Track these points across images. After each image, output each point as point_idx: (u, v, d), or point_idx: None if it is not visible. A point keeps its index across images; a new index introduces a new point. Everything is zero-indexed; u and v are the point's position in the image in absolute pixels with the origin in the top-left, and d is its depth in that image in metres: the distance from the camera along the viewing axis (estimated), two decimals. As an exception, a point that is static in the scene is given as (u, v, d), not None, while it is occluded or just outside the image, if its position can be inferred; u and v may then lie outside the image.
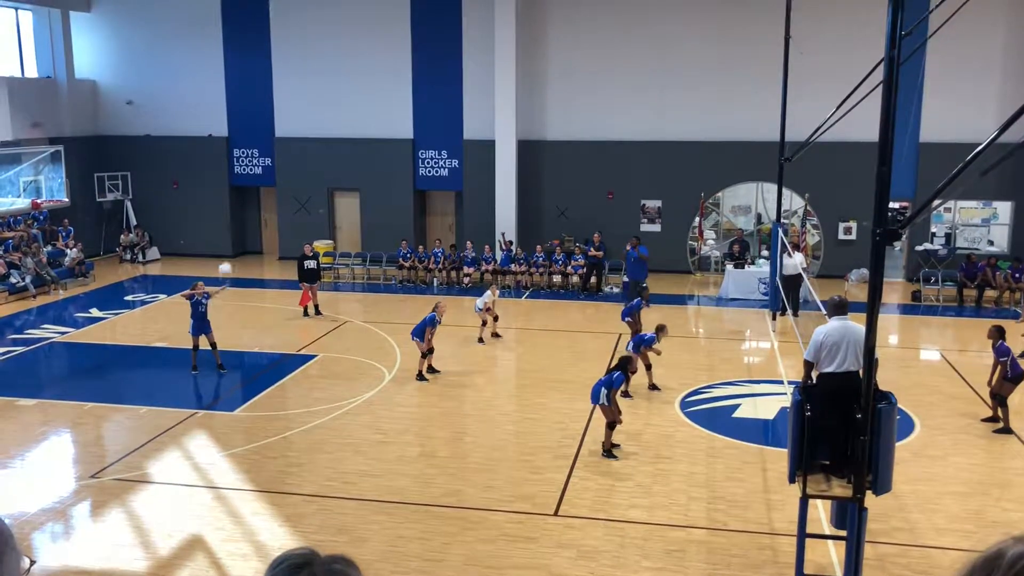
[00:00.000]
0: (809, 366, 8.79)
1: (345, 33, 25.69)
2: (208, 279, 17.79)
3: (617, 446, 12.02)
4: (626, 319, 16.67)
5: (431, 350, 15.48)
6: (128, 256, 26.94)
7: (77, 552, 9.51)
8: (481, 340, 17.73)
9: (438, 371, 15.66)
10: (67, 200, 26.31)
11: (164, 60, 27.01)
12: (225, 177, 27.47)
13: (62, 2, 26.32)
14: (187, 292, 15.88)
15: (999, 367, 12.81)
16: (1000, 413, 12.95)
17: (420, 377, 15.28)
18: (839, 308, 8.70)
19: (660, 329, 14.82)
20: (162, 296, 22.31)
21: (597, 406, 12.07)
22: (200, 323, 15.56)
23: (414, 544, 9.60)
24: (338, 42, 25.78)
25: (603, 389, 11.84)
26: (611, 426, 11.83)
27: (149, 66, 27.21)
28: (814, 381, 8.71)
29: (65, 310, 21.03)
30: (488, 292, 18.20)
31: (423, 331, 15.28)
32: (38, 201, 25.58)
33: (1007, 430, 12.82)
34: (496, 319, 18.08)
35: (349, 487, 11.04)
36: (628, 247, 21.16)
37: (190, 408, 13.91)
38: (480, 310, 17.81)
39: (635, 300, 17.05)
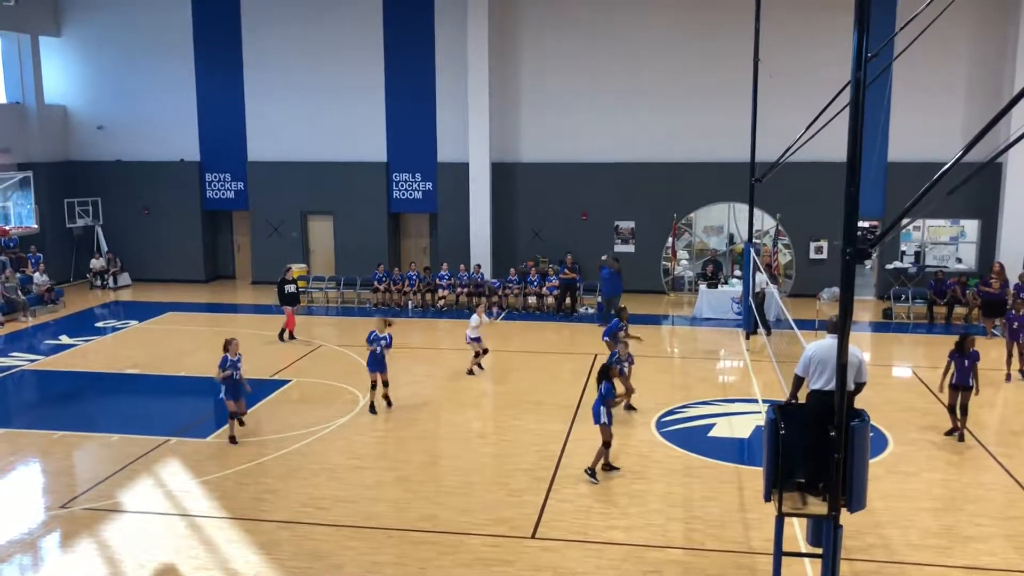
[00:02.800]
0: (799, 380, 8.82)
1: (318, 57, 25.73)
2: (180, 304, 17.55)
3: (613, 468, 11.96)
4: (605, 339, 16.53)
5: (385, 382, 14.86)
6: (98, 282, 26.66)
7: (46, 584, 9.33)
8: (471, 372, 17.10)
9: (391, 404, 14.92)
10: (36, 226, 26.05)
11: (135, 85, 26.90)
12: (197, 202, 27.32)
13: (31, 27, 26.18)
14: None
15: (952, 370, 13.23)
16: (958, 420, 13.21)
17: (372, 409, 14.68)
18: (835, 327, 8.75)
19: (615, 335, 14.95)
20: (133, 322, 22.07)
21: (598, 426, 11.90)
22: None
23: (390, 569, 9.51)
24: (311, 66, 25.81)
25: (601, 408, 11.79)
26: (607, 445, 11.80)
27: (120, 91, 27.08)
28: (797, 398, 8.74)
29: (34, 337, 20.75)
30: (475, 316, 17.26)
31: (382, 360, 14.70)
32: (7, 227, 25.29)
33: (955, 431, 13.27)
34: (485, 352, 17.29)
35: (324, 513, 10.93)
36: (604, 265, 21.47)
37: (162, 435, 13.73)
38: (471, 340, 17.06)
39: (613, 320, 17.01)
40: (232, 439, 13.37)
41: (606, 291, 21.56)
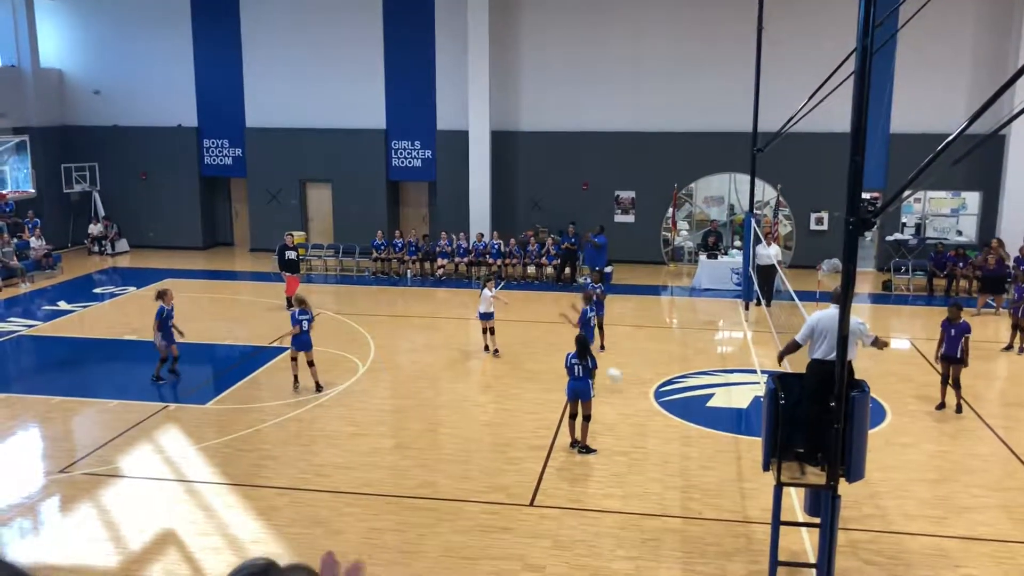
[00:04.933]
0: (795, 345, 8.84)
1: (317, 22, 25.46)
2: (178, 271, 17.51)
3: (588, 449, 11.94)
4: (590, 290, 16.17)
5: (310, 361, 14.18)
6: (96, 248, 26.58)
7: (47, 548, 9.37)
8: (490, 349, 16.33)
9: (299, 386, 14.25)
10: (33, 191, 25.92)
11: (132, 49, 26.64)
12: (195, 168, 27.17)
13: (27, -11, 25.87)
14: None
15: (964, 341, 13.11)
16: (952, 394, 13.25)
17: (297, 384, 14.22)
18: (839, 297, 8.71)
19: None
20: (131, 288, 22.04)
21: (589, 402, 11.77)
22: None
23: (389, 536, 9.55)
24: (309, 31, 25.55)
25: (590, 381, 11.75)
26: (588, 419, 11.77)
27: (117, 55, 26.82)
28: (783, 359, 8.72)
29: (32, 303, 20.72)
30: (486, 291, 16.21)
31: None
32: (3, 192, 25.16)
33: (943, 406, 13.27)
34: (492, 330, 16.43)
35: (323, 479, 10.97)
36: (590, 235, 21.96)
37: (161, 401, 13.76)
38: (482, 316, 16.24)
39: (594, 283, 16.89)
40: (159, 379, 14.59)
41: (590, 260, 21.82)
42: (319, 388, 14.15)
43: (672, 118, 24.17)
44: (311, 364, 14.15)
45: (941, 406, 13.39)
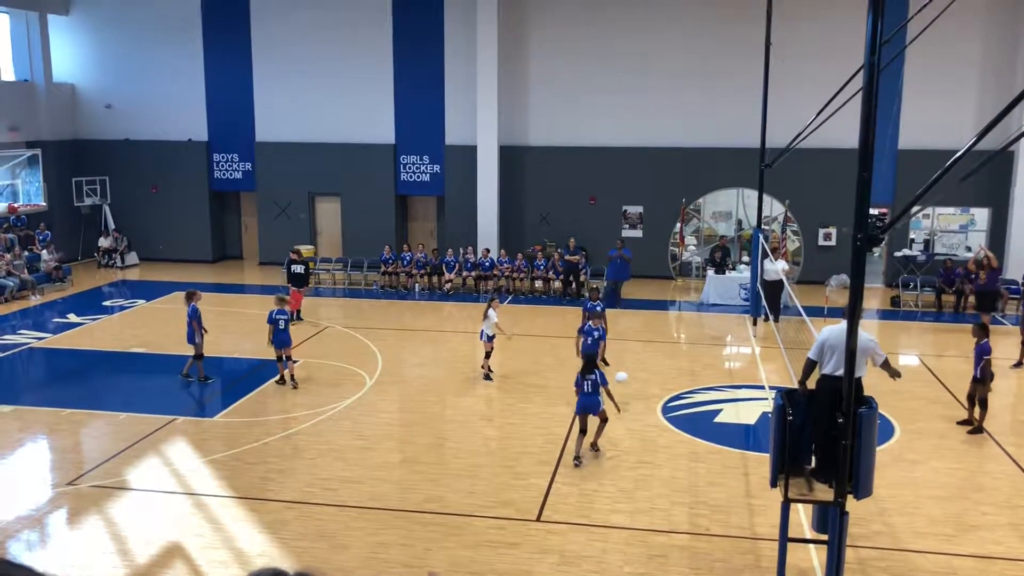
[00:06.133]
0: (811, 364, 8.59)
1: (326, 38, 25.63)
2: (188, 284, 17.60)
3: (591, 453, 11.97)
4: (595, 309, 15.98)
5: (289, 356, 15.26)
6: (106, 261, 26.72)
7: (54, 560, 9.38)
8: (488, 377, 15.66)
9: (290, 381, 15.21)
10: (45, 204, 26.08)
11: (143, 64, 26.84)
12: (205, 182, 27.31)
13: (40, 5, 26.11)
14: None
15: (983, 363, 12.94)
16: (976, 414, 13.09)
17: (281, 381, 15.30)
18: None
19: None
20: (140, 301, 22.12)
21: (600, 413, 11.94)
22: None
23: (396, 550, 9.54)
24: (319, 47, 25.71)
25: (599, 396, 11.82)
26: (606, 420, 11.91)
27: (128, 70, 27.03)
28: (806, 383, 8.64)
29: (42, 315, 20.81)
30: (493, 312, 15.51)
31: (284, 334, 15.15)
32: (15, 205, 25.33)
33: (979, 430, 13.02)
34: (491, 351, 15.81)
35: (330, 493, 10.97)
36: (617, 249, 21.92)
37: (169, 414, 13.78)
38: (488, 339, 15.62)
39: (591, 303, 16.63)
40: (205, 377, 15.43)
41: (615, 274, 21.84)
42: (281, 381, 15.15)
43: (680, 133, 24.23)
44: (287, 359, 15.14)
45: (967, 422, 13.30)
